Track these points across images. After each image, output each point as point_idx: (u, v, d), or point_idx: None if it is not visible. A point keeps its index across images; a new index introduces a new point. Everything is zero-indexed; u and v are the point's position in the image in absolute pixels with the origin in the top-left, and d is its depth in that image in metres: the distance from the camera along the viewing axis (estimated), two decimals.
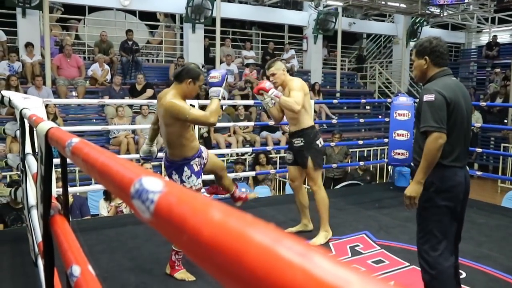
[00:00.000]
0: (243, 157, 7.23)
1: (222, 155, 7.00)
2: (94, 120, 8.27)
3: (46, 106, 5.29)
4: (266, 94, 3.49)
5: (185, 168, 2.89)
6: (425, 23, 12.56)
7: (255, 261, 0.25)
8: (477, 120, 9.64)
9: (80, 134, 7.13)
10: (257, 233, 0.27)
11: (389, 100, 6.19)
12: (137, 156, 6.24)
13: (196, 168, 2.93)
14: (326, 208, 3.74)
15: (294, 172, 3.86)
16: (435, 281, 2.31)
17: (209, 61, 10.14)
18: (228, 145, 7.84)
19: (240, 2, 11.09)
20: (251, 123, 7.73)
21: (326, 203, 3.73)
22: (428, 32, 13.46)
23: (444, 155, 2.30)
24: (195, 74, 2.78)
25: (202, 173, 3.04)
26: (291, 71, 10.58)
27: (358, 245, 3.68)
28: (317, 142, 3.71)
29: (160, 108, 2.83)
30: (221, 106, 8.07)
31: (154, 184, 0.42)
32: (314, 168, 3.69)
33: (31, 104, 3.60)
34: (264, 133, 8.57)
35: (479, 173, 6.11)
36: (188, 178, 2.90)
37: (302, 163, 3.72)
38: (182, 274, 2.99)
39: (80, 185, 5.52)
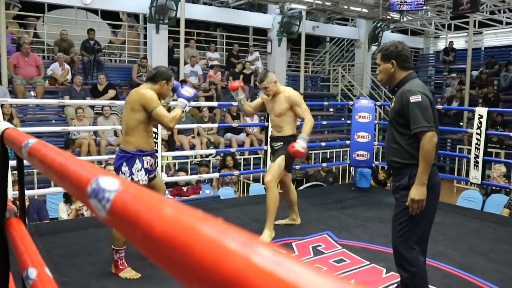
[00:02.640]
0: (207, 159, 7.21)
1: (186, 157, 6.96)
2: (53, 121, 8.04)
3: (2, 106, 5.10)
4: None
5: (137, 161, 2.96)
6: (386, 27, 12.92)
7: (203, 253, 0.27)
8: None
9: (38, 135, 6.92)
10: (206, 227, 0.29)
11: (351, 102, 6.32)
12: (99, 158, 6.13)
13: (146, 165, 3.00)
14: (275, 208, 3.82)
15: None
16: (416, 277, 2.35)
17: (173, 62, 10.05)
18: (192, 147, 7.81)
19: (205, 4, 11.06)
20: (215, 125, 7.73)
21: (276, 204, 3.82)
22: (388, 36, 13.84)
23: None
24: (168, 76, 3.03)
25: (149, 174, 3.07)
26: (255, 73, 10.64)
27: (320, 245, 3.74)
28: None
29: (130, 97, 2.97)
30: None
31: (110, 183, 0.43)
32: (281, 166, 3.80)
33: None
34: (228, 135, 8.58)
35: None
36: (138, 171, 2.96)
37: (274, 159, 3.86)
38: (126, 273, 3.02)
39: (38, 188, 5.36)
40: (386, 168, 6.92)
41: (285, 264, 0.24)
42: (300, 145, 3.69)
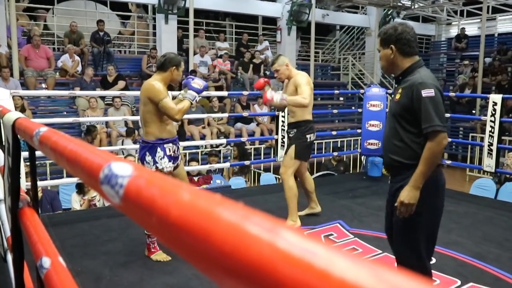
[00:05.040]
0: (217, 149, 7.21)
1: (197, 147, 6.96)
2: (65, 113, 8.09)
3: (13, 98, 5.14)
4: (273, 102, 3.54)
5: (158, 149, 3.03)
6: (396, 15, 12.73)
7: (222, 238, 0.25)
8: None
9: (50, 126, 6.97)
10: (225, 211, 0.27)
11: (362, 91, 6.26)
12: (110, 148, 6.16)
13: (168, 152, 3.07)
14: (294, 198, 3.79)
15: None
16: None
17: (183, 53, 10.02)
18: (203, 137, 7.81)
19: None
20: (225, 115, 7.71)
21: (294, 193, 3.79)
22: None
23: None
24: (177, 61, 3.06)
25: (174, 161, 3.14)
26: (265, 62, 10.58)
27: (332, 234, 3.73)
28: (307, 135, 3.83)
29: (141, 90, 3.06)
30: None
31: (123, 169, 0.41)
32: (292, 157, 3.76)
33: None
34: (239, 125, 8.56)
35: (448, 162, 6.28)
36: (161, 159, 3.04)
37: (287, 149, 3.82)
38: (157, 255, 3.11)
39: (51, 179, 5.40)
40: None
41: (313, 250, 0.22)
42: (270, 93, 3.50)
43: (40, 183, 4.49)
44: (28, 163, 3.81)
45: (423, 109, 2.02)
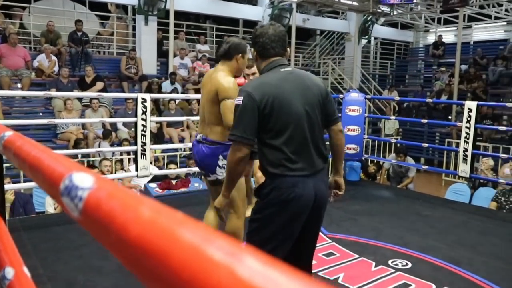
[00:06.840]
0: None
1: (175, 150, 6.90)
2: (40, 114, 7.92)
3: None
4: None
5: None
6: (376, 21, 12.91)
7: (182, 262, 0.23)
8: (394, 125, 10.18)
9: (25, 128, 6.81)
10: (187, 232, 0.25)
11: (341, 96, 6.30)
12: (88, 151, 6.04)
13: None
14: None
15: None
16: None
17: (162, 54, 9.94)
18: (182, 140, 7.74)
19: None
20: None
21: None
22: (379, 29, 13.84)
23: (278, 162, 1.92)
24: (243, 48, 2.67)
25: None
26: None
27: None
28: None
29: (206, 84, 2.65)
30: (174, 100, 7.96)
31: (84, 180, 0.39)
32: None
33: None
34: None
35: (425, 167, 6.37)
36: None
37: None
38: None
39: (24, 182, 5.27)
40: (375, 162, 6.94)
41: (276, 279, 0.20)
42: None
43: (13, 186, 4.37)
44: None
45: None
